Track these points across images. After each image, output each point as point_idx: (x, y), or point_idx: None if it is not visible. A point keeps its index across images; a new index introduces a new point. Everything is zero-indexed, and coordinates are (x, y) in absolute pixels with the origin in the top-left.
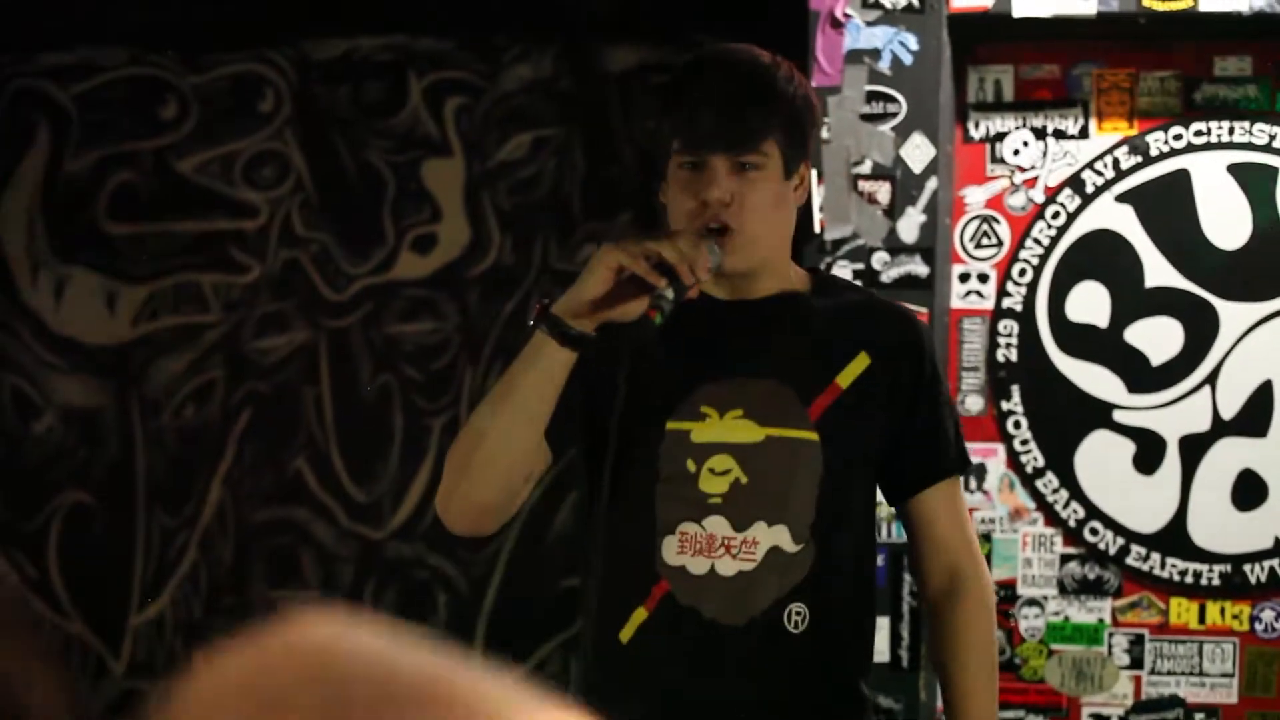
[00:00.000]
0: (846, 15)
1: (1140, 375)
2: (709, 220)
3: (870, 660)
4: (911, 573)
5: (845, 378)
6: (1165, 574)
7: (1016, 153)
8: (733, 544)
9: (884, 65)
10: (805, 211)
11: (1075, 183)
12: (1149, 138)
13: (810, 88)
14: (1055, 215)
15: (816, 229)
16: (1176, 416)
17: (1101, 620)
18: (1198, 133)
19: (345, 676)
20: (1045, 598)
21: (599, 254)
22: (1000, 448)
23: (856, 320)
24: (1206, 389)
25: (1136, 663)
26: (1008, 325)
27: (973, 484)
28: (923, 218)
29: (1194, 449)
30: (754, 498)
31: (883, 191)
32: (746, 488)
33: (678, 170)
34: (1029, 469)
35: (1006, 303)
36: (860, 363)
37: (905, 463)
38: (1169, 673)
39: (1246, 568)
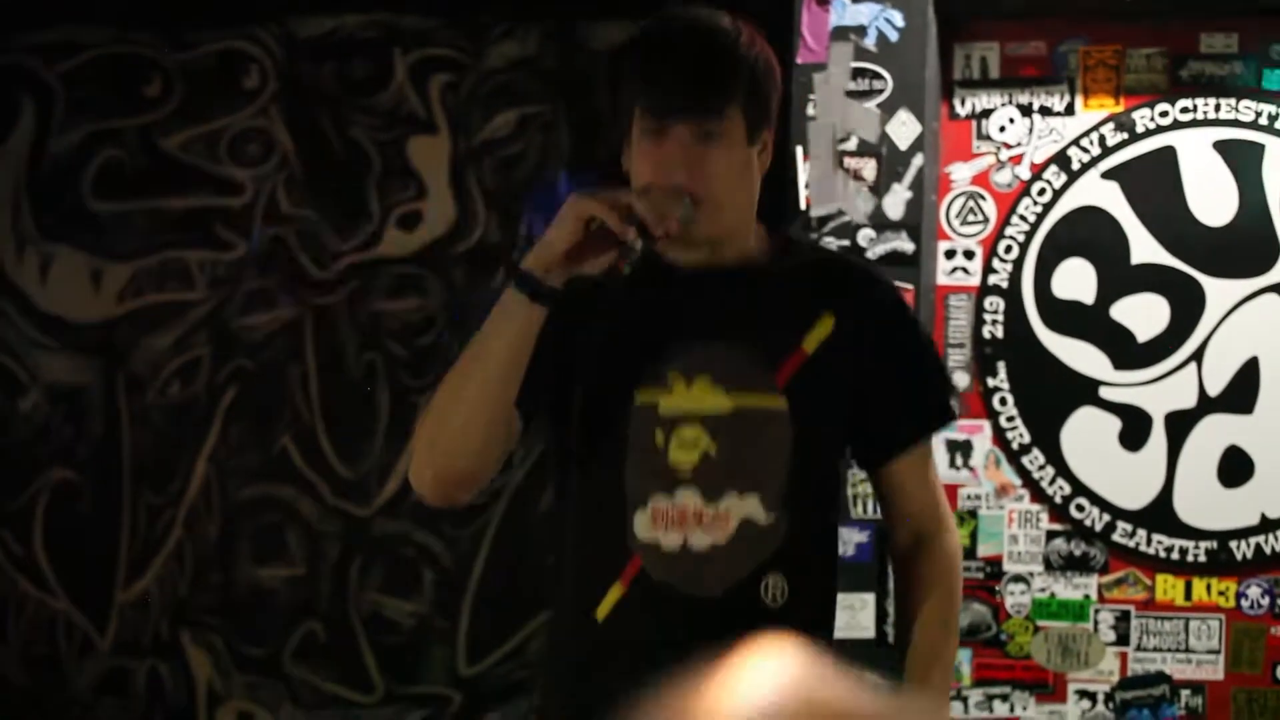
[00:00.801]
0: None
1: (1126, 352)
2: (671, 186)
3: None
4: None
5: (811, 341)
6: (1151, 550)
7: (1002, 129)
8: (705, 516)
9: (870, 42)
10: (790, 187)
11: (1061, 159)
12: (1135, 114)
13: (771, 52)
14: (1041, 192)
15: (802, 205)
16: (1162, 393)
17: (1087, 596)
18: (1184, 109)
19: None
20: (1031, 574)
21: (569, 204)
22: (986, 424)
23: (821, 281)
24: (1192, 366)
25: (1123, 639)
26: (994, 302)
27: (958, 460)
28: (908, 194)
29: (1180, 426)
30: (725, 468)
31: (868, 168)
32: (716, 458)
33: (641, 138)
34: (1015, 445)
35: (992, 279)
36: (825, 325)
37: (873, 431)
38: (1155, 649)
39: (1232, 544)
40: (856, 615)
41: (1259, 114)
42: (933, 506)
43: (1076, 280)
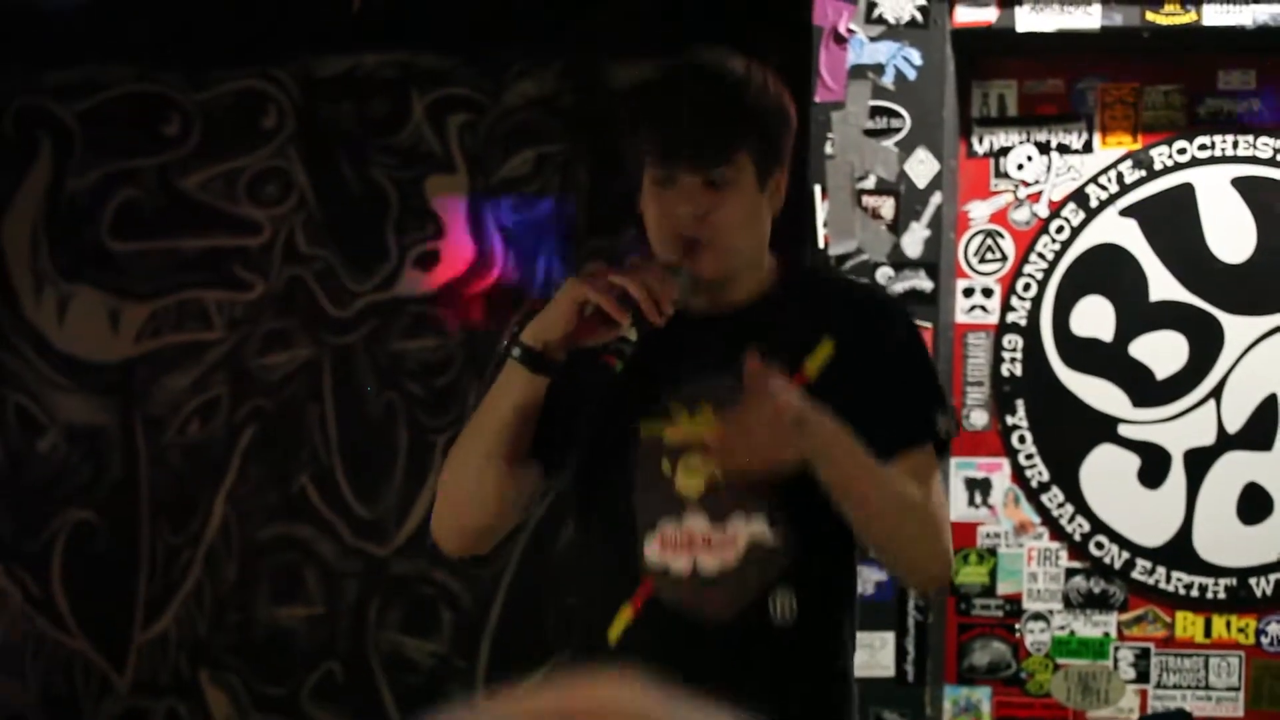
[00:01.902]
0: (850, 31)
1: (1145, 389)
2: (680, 236)
3: (853, 647)
4: None
5: (812, 365)
6: (1171, 588)
7: (1020, 167)
8: (712, 540)
9: (888, 80)
10: (809, 225)
11: (1079, 197)
12: (1153, 151)
13: (785, 93)
14: (1059, 230)
15: (821, 244)
16: (1181, 430)
17: (1107, 634)
18: (1202, 146)
19: None
20: (1051, 612)
21: (564, 287)
22: (1005, 462)
23: (822, 308)
24: (1211, 403)
25: (1142, 676)
26: (1012, 340)
27: (977, 498)
28: (927, 233)
29: (1199, 463)
30: (729, 491)
31: (887, 206)
32: (721, 482)
33: (650, 184)
34: (1034, 483)
35: (1011, 317)
36: (824, 350)
37: (872, 440)
38: (1175, 686)
39: (1252, 581)
40: (876, 654)
41: (1277, 150)
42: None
43: (1095, 318)
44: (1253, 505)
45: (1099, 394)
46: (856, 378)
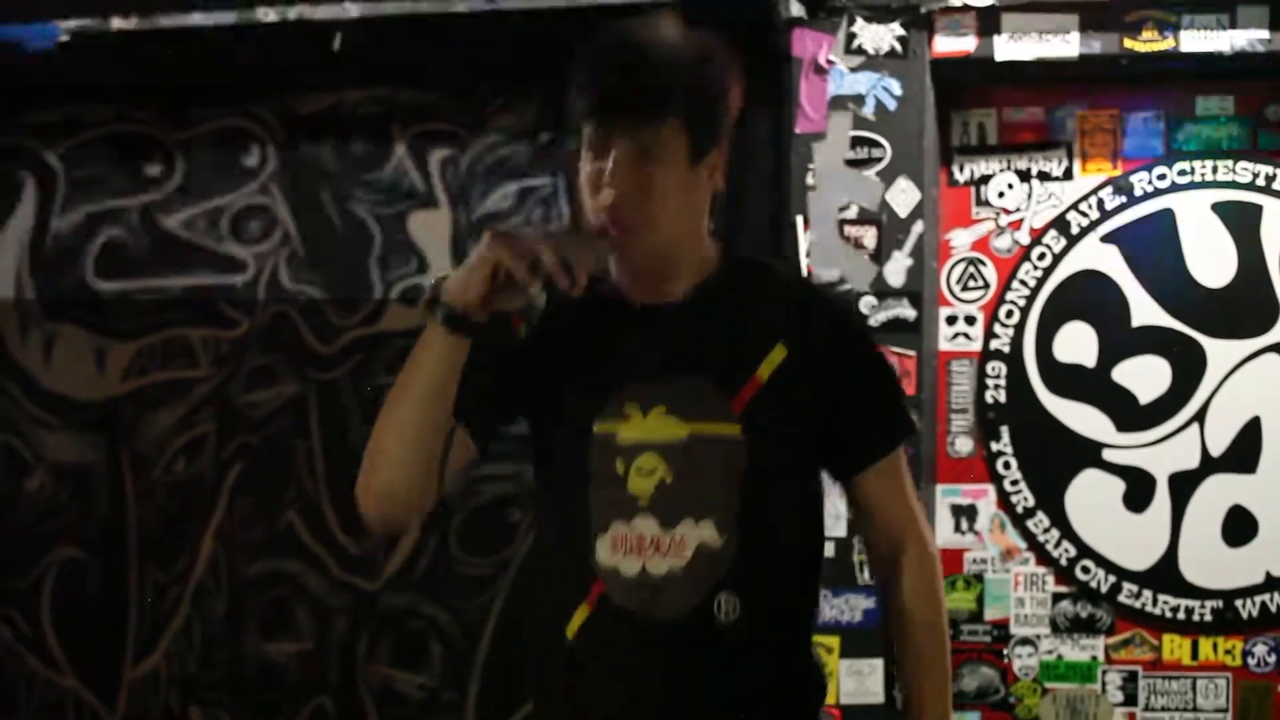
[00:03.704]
0: (830, 62)
1: (1129, 414)
2: (609, 204)
3: (810, 640)
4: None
5: (765, 369)
6: (1157, 611)
7: (1001, 195)
8: (661, 543)
9: (868, 111)
10: (792, 255)
11: (1060, 224)
12: (1133, 178)
13: (732, 74)
14: (1041, 256)
15: (804, 273)
16: (1166, 454)
17: (1095, 658)
18: (1181, 172)
19: None
20: (1038, 636)
21: (481, 244)
22: (990, 488)
23: (775, 306)
24: (1195, 426)
25: (1130, 699)
26: (995, 366)
27: (963, 524)
28: (909, 261)
29: (1184, 486)
30: (680, 495)
31: (869, 236)
32: (672, 486)
33: (585, 150)
34: (1019, 509)
35: (994, 344)
36: (779, 352)
37: (839, 448)
38: (1163, 709)
39: (1238, 603)
40: (864, 681)
41: (1256, 175)
42: (907, 513)
43: (1078, 343)
44: (1237, 527)
45: (1083, 419)
46: (812, 381)
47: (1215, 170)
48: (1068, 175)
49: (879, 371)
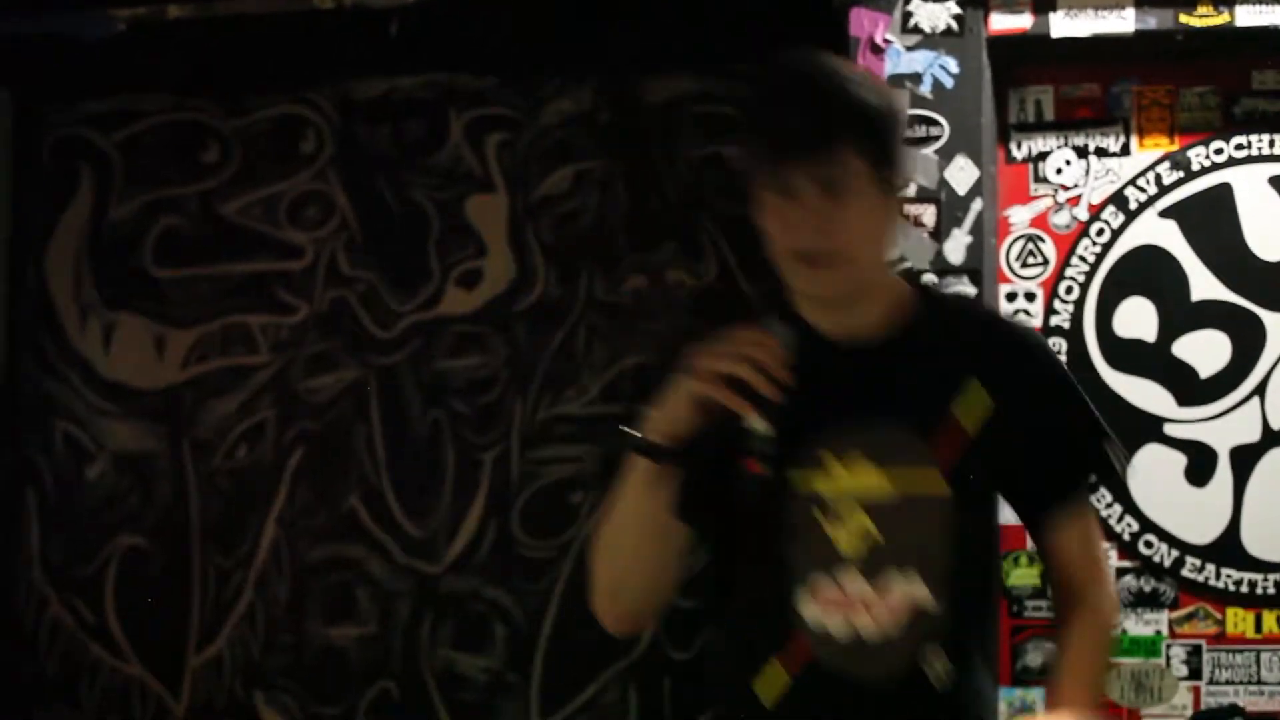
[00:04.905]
0: (886, 41)
1: (1189, 388)
2: (800, 249)
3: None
4: None
5: (968, 418)
6: (1221, 584)
7: (1059, 171)
8: (870, 601)
9: (925, 89)
10: None
11: (1118, 199)
12: (1190, 152)
13: (897, 101)
14: (1100, 232)
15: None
16: (1227, 428)
17: (1159, 632)
18: (1238, 146)
19: None
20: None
21: (679, 387)
22: None
23: (971, 347)
24: (1256, 400)
25: (1195, 673)
26: (1056, 343)
27: None
28: (969, 239)
29: (1245, 459)
30: (887, 551)
31: (928, 214)
32: (878, 540)
33: (768, 198)
34: None
35: (1054, 320)
36: (979, 397)
37: (1029, 489)
38: (1227, 682)
39: None
40: None
41: None
42: (1085, 563)
43: (1137, 319)
44: None
45: (1144, 394)
46: (1015, 429)
47: (1272, 144)
48: (1125, 151)
49: (1077, 407)
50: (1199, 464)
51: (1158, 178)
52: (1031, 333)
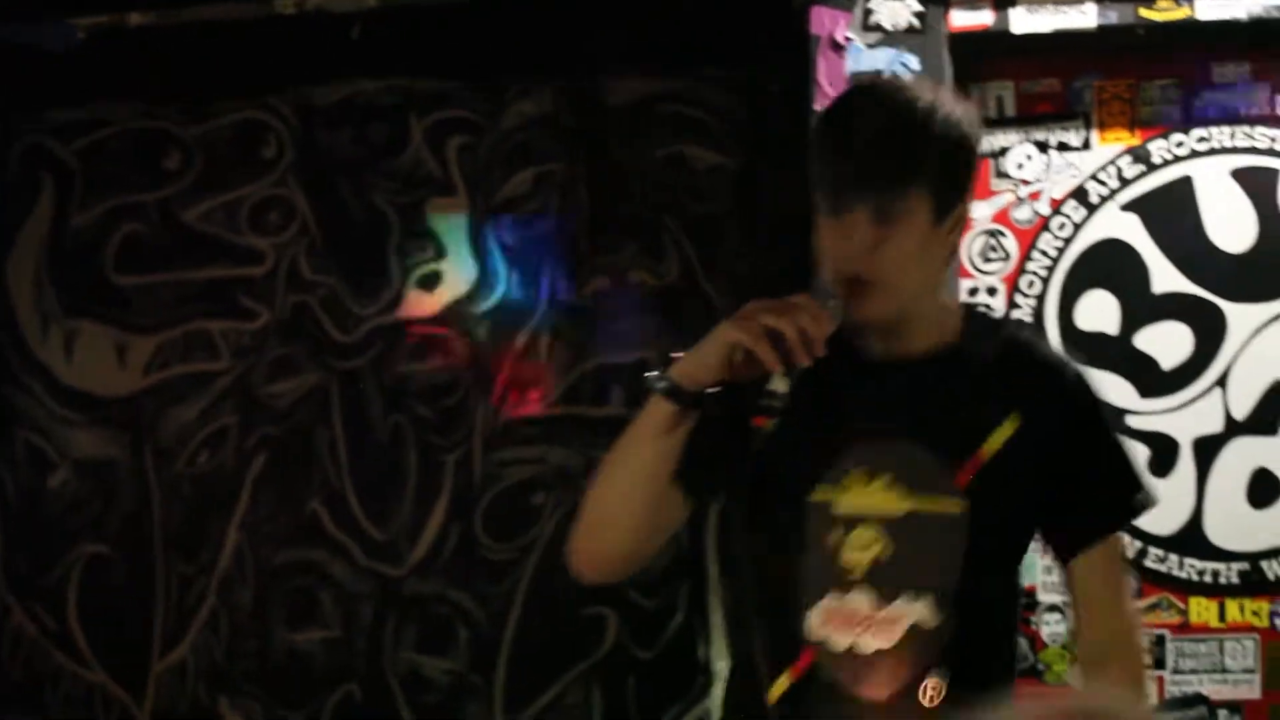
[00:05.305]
0: (847, 39)
1: (1151, 380)
2: (846, 273)
3: None
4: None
5: (994, 442)
6: (1184, 574)
7: (1020, 166)
8: (875, 619)
9: None
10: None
11: (1080, 194)
12: (1151, 146)
13: (973, 117)
14: (1061, 227)
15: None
16: (1189, 419)
17: None
18: (1199, 139)
19: None
20: (1066, 604)
21: (718, 331)
22: None
23: (1008, 375)
24: (1217, 391)
25: (1159, 663)
26: None
27: None
28: None
29: (1207, 450)
30: (897, 571)
31: None
32: (890, 561)
33: (821, 214)
34: None
35: (1016, 315)
36: (1010, 425)
37: (1061, 528)
38: (1191, 671)
39: (1264, 564)
40: None
41: (1274, 140)
42: (1118, 609)
43: (1099, 312)
44: (1262, 490)
45: (1106, 387)
46: (1041, 455)
47: (1233, 136)
48: (1086, 145)
49: (1114, 449)
50: (1161, 455)
51: (1119, 171)
52: (1079, 369)
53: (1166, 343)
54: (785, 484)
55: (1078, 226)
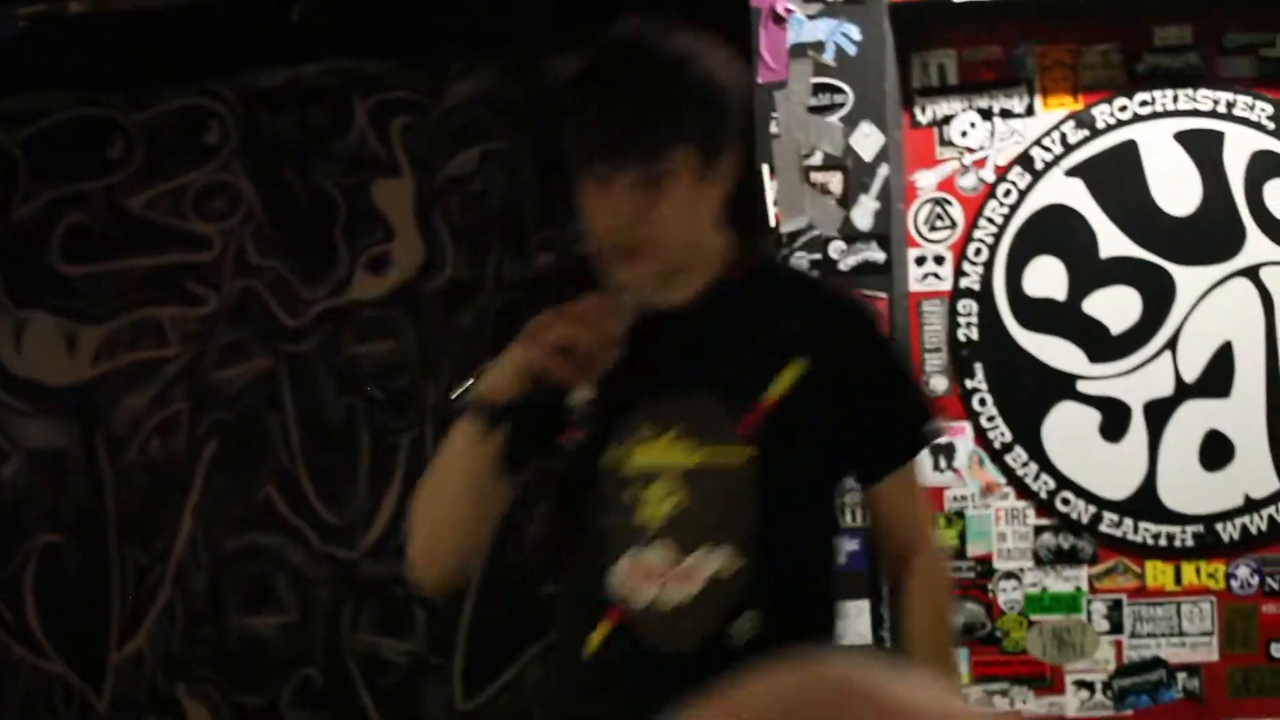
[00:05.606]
0: (788, 10)
1: (1101, 345)
2: (615, 243)
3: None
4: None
5: (778, 387)
6: (1139, 538)
7: (964, 134)
8: (675, 571)
9: (828, 57)
10: (760, 206)
11: (1024, 160)
12: (1094, 111)
13: (732, 64)
14: (1006, 193)
15: (772, 222)
16: (1139, 383)
17: (1079, 588)
18: (1143, 103)
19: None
20: (1022, 570)
21: (510, 353)
22: (967, 425)
23: (794, 319)
24: (1167, 354)
25: (1116, 628)
26: (967, 305)
27: (942, 463)
28: (876, 205)
29: (1159, 414)
30: (694, 523)
31: (835, 181)
32: (686, 514)
33: (584, 182)
34: (997, 444)
35: (964, 283)
36: (796, 368)
37: (856, 458)
38: (1149, 635)
39: (1219, 527)
40: (853, 623)
41: (1216, 102)
42: (916, 523)
43: (1047, 278)
44: (1214, 452)
45: (1056, 353)
46: (830, 393)
47: (1176, 100)
48: (1029, 112)
49: (898, 379)
50: (1113, 420)
51: (1063, 137)
52: (862, 305)
53: (1115, 307)
54: (586, 454)
55: (1023, 193)
